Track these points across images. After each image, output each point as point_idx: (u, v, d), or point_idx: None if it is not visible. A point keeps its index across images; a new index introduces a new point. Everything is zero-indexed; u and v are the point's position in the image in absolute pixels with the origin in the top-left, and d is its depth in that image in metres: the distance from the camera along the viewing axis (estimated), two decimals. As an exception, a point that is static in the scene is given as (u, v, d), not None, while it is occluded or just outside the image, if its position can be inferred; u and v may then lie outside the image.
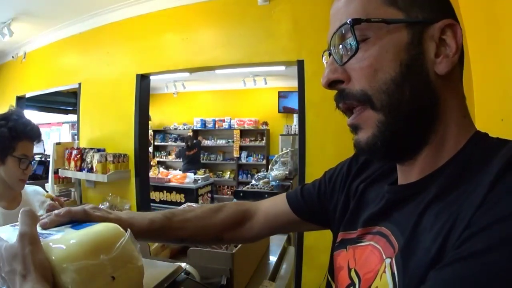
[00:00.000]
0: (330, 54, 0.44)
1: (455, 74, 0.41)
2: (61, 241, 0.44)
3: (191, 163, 5.59)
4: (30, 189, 1.36)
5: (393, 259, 0.38)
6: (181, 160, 5.96)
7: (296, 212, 0.65)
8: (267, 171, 4.26)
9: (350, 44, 0.41)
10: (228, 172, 6.56)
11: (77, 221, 0.50)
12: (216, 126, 6.59)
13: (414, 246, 0.36)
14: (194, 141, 6.05)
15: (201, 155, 6.24)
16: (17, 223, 0.52)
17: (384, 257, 0.41)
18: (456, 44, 0.39)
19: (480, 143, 0.40)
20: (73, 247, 0.43)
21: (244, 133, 6.36)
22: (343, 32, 0.42)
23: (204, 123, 6.67)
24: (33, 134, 1.27)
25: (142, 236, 0.58)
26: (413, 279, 0.34)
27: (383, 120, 0.40)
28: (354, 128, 0.44)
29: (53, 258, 0.41)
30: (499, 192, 0.30)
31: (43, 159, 5.09)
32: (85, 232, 0.46)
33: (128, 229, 0.47)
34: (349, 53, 0.41)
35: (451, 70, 0.39)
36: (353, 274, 0.45)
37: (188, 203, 1.26)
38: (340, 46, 0.42)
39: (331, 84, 0.44)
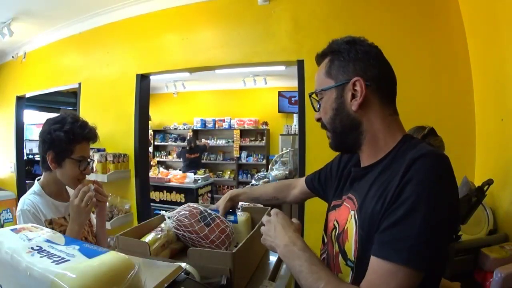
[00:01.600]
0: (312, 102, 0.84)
1: (369, 108, 0.72)
2: (75, 271, 0.45)
3: (191, 166, 5.58)
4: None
5: (355, 211, 0.71)
6: (181, 160, 5.95)
7: (311, 191, 1.10)
8: (267, 171, 4.26)
9: (317, 103, 0.81)
10: (228, 172, 6.56)
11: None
12: (216, 126, 6.59)
13: (366, 202, 0.68)
14: (198, 144, 6.01)
15: (202, 155, 6.23)
16: (16, 226, 0.53)
17: (350, 210, 0.74)
18: (361, 92, 0.70)
19: (404, 144, 0.69)
20: (88, 279, 0.45)
21: (244, 133, 6.36)
22: (313, 96, 0.82)
23: (204, 123, 6.67)
24: (90, 135, 1.28)
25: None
26: (365, 220, 0.67)
27: (332, 136, 0.79)
28: (328, 137, 0.81)
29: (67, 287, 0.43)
30: (409, 175, 0.60)
31: (43, 159, 5.10)
32: (99, 263, 0.48)
33: (138, 262, 0.53)
34: (316, 108, 0.81)
35: (361, 106, 0.71)
36: (335, 222, 0.80)
37: (189, 203, 1.26)
38: (314, 102, 0.82)
39: (318, 120, 0.81)
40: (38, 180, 1.30)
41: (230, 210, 1.20)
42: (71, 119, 1.23)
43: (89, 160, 1.28)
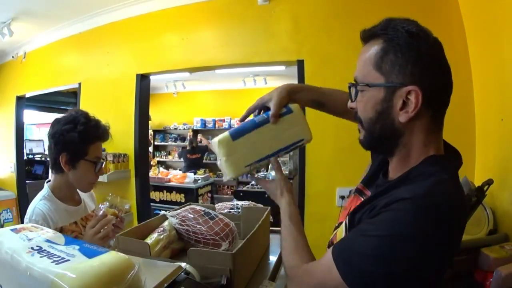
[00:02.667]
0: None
1: (418, 121, 0.61)
2: (75, 270, 0.45)
3: (192, 167, 5.58)
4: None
5: (348, 217, 0.70)
6: (181, 160, 5.95)
7: None
8: (267, 171, 4.26)
9: (354, 94, 0.68)
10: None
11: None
12: (216, 126, 6.59)
13: (358, 214, 0.67)
14: (199, 144, 6.01)
15: (203, 156, 6.23)
16: (16, 226, 0.53)
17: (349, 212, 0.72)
18: (415, 104, 0.59)
19: (422, 166, 0.62)
20: (88, 279, 0.45)
21: (244, 133, 6.34)
22: (353, 83, 0.68)
23: (204, 123, 6.67)
24: (105, 135, 1.24)
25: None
26: (350, 226, 0.68)
27: (366, 135, 0.69)
28: (359, 130, 0.71)
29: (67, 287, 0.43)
30: (391, 207, 0.57)
31: (43, 159, 5.10)
32: (99, 263, 0.48)
33: (138, 262, 0.52)
34: (354, 99, 0.69)
35: (411, 120, 0.60)
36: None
37: (190, 203, 1.26)
38: (352, 91, 0.69)
39: (351, 109, 0.71)
40: (47, 182, 1.25)
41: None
42: (84, 119, 1.18)
43: (102, 160, 1.24)
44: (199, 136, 6.24)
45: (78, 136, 1.13)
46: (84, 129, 1.15)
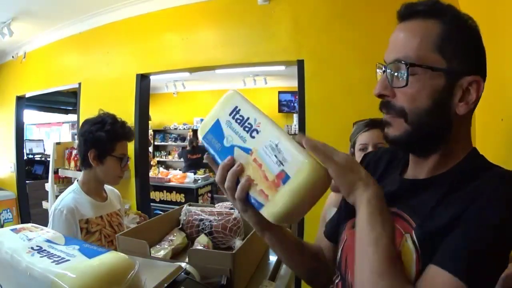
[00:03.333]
0: (384, 71, 0.57)
1: (469, 114, 0.55)
2: (75, 270, 0.45)
3: (192, 167, 5.57)
4: (108, 188, 1.46)
5: (413, 232, 0.52)
6: (182, 160, 5.95)
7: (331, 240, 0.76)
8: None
9: (403, 77, 0.54)
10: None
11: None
12: (216, 126, 6.58)
13: (432, 221, 0.51)
14: (200, 144, 6.01)
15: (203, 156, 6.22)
16: (16, 226, 0.53)
17: (403, 233, 0.54)
18: (477, 97, 0.53)
19: (477, 158, 0.57)
20: (88, 279, 0.45)
21: (244, 133, 6.35)
22: (398, 65, 0.54)
23: (204, 123, 6.67)
24: (130, 135, 1.38)
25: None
26: (431, 240, 0.49)
27: (409, 130, 0.55)
28: (386, 124, 0.59)
29: (67, 287, 0.43)
30: (496, 198, 0.48)
31: (43, 159, 5.10)
32: (99, 263, 0.48)
33: (138, 262, 0.51)
34: (399, 81, 0.54)
35: (467, 112, 0.54)
36: None
37: (190, 203, 1.27)
38: (394, 74, 0.55)
39: (380, 95, 0.58)
40: (77, 180, 1.36)
41: None
42: (111, 120, 1.32)
43: (128, 157, 1.36)
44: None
45: (105, 135, 1.26)
46: (111, 128, 1.28)
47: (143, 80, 2.84)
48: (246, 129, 0.55)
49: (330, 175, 0.51)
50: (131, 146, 2.81)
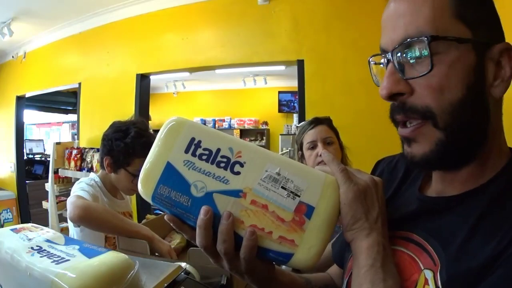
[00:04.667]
0: (387, 62, 0.41)
1: (502, 98, 0.41)
2: (75, 270, 0.45)
3: None
4: None
5: (437, 273, 0.38)
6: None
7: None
8: (267, 171, 4.26)
9: (419, 61, 0.38)
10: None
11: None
12: (216, 126, 6.58)
13: (465, 258, 0.36)
14: None
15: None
16: (16, 226, 0.53)
17: (422, 268, 0.40)
18: (511, 68, 0.39)
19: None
20: (88, 278, 0.45)
21: (244, 132, 6.35)
22: (413, 45, 0.38)
23: (204, 122, 6.67)
24: (148, 148, 1.26)
25: None
26: (462, 285, 0.35)
27: (443, 139, 0.39)
28: (408, 141, 0.42)
29: (67, 287, 0.43)
30: None
31: (43, 159, 5.10)
32: (99, 263, 0.48)
33: (138, 262, 0.49)
34: (418, 67, 0.38)
35: (503, 93, 0.39)
36: None
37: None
38: (407, 60, 0.39)
39: (391, 96, 0.40)
40: (95, 174, 1.31)
41: None
42: (135, 133, 1.17)
43: None
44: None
45: (123, 147, 1.15)
46: (132, 142, 1.15)
47: (143, 80, 2.84)
48: (222, 165, 0.40)
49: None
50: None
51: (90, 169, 2.77)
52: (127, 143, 1.15)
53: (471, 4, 0.39)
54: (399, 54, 0.40)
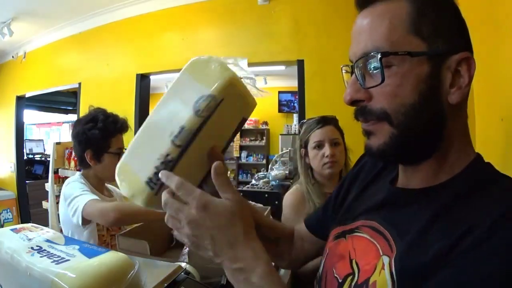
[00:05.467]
0: (352, 72, 0.47)
1: (463, 102, 0.44)
2: (75, 270, 0.45)
3: None
4: (110, 187, 1.43)
5: (392, 259, 0.42)
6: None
7: (317, 235, 0.68)
8: (267, 170, 4.26)
9: (375, 72, 0.43)
10: (228, 172, 6.55)
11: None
12: (216, 126, 6.59)
13: (417, 250, 0.40)
14: None
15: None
16: (16, 226, 0.52)
17: (381, 253, 0.44)
18: (469, 77, 0.43)
19: (480, 170, 0.46)
20: (88, 278, 0.45)
21: (244, 132, 6.35)
22: (368, 60, 0.44)
23: (204, 123, 6.67)
24: (124, 127, 1.33)
25: None
26: (413, 276, 0.39)
27: (396, 134, 0.44)
28: (368, 134, 0.48)
29: (67, 287, 0.43)
30: (497, 240, 0.35)
31: (43, 159, 5.10)
32: (99, 263, 0.48)
33: (138, 262, 0.50)
34: (373, 79, 0.44)
35: (461, 100, 0.43)
36: (354, 264, 0.48)
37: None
38: (365, 72, 0.45)
39: (353, 102, 0.47)
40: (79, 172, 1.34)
41: None
42: (102, 116, 1.26)
43: (124, 150, 1.30)
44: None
45: (99, 133, 1.22)
46: (104, 125, 1.23)
47: (143, 80, 2.84)
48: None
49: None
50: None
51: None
52: (100, 127, 1.22)
53: (427, 19, 0.42)
54: (360, 66, 0.45)
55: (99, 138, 1.22)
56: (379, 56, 0.42)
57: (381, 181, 0.56)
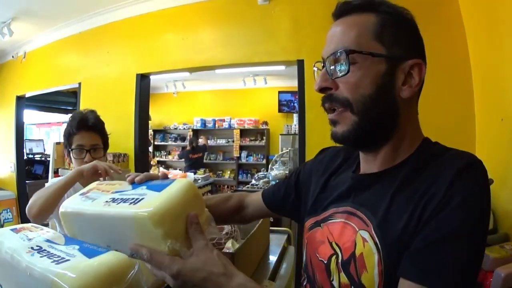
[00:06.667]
0: (323, 66, 0.57)
1: (414, 98, 0.57)
2: (75, 270, 0.45)
3: (194, 167, 5.57)
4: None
5: (372, 231, 0.52)
6: (183, 160, 5.94)
7: (270, 208, 0.81)
8: (267, 170, 4.26)
9: (343, 66, 0.54)
10: (228, 172, 6.56)
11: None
12: (216, 125, 6.58)
13: (391, 220, 0.51)
14: (199, 144, 6.02)
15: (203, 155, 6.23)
16: (16, 226, 0.52)
17: (357, 229, 0.54)
18: (419, 79, 0.55)
19: (430, 147, 0.56)
20: (88, 279, 0.45)
21: (244, 132, 6.36)
22: (338, 56, 0.54)
23: (204, 122, 6.67)
24: (83, 124, 1.28)
25: None
26: (393, 244, 0.49)
27: (357, 121, 0.54)
28: (334, 123, 0.57)
29: (67, 287, 0.43)
30: (457, 188, 0.46)
31: (43, 159, 5.10)
32: (99, 263, 0.48)
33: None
34: (341, 72, 0.54)
35: (411, 96, 0.55)
36: (334, 245, 0.57)
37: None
38: (334, 66, 0.55)
39: (322, 90, 0.57)
40: None
41: None
42: (70, 118, 1.30)
43: (88, 148, 1.26)
44: (201, 140, 6.27)
45: (65, 133, 1.28)
46: (68, 126, 1.28)
47: (143, 80, 2.84)
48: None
49: None
50: (130, 145, 2.81)
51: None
52: (65, 128, 1.29)
53: (389, 31, 0.54)
54: (331, 61, 0.56)
55: (65, 138, 1.28)
56: (347, 52, 0.53)
57: (343, 174, 0.65)
